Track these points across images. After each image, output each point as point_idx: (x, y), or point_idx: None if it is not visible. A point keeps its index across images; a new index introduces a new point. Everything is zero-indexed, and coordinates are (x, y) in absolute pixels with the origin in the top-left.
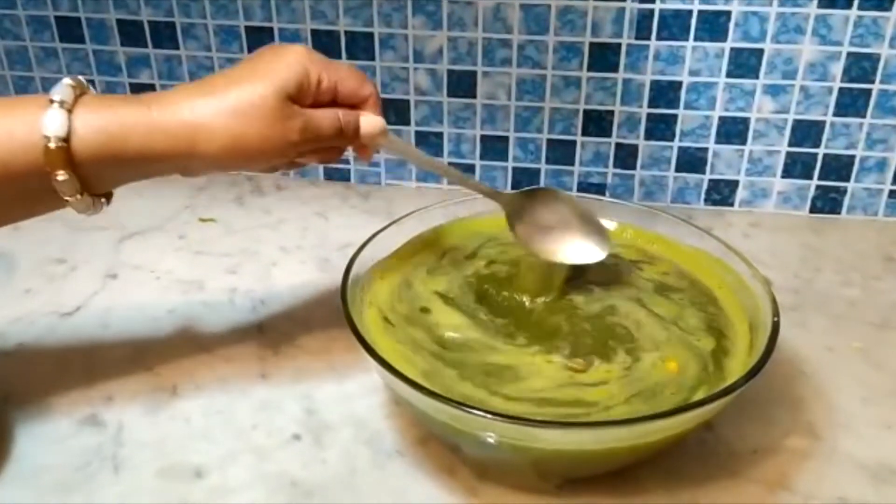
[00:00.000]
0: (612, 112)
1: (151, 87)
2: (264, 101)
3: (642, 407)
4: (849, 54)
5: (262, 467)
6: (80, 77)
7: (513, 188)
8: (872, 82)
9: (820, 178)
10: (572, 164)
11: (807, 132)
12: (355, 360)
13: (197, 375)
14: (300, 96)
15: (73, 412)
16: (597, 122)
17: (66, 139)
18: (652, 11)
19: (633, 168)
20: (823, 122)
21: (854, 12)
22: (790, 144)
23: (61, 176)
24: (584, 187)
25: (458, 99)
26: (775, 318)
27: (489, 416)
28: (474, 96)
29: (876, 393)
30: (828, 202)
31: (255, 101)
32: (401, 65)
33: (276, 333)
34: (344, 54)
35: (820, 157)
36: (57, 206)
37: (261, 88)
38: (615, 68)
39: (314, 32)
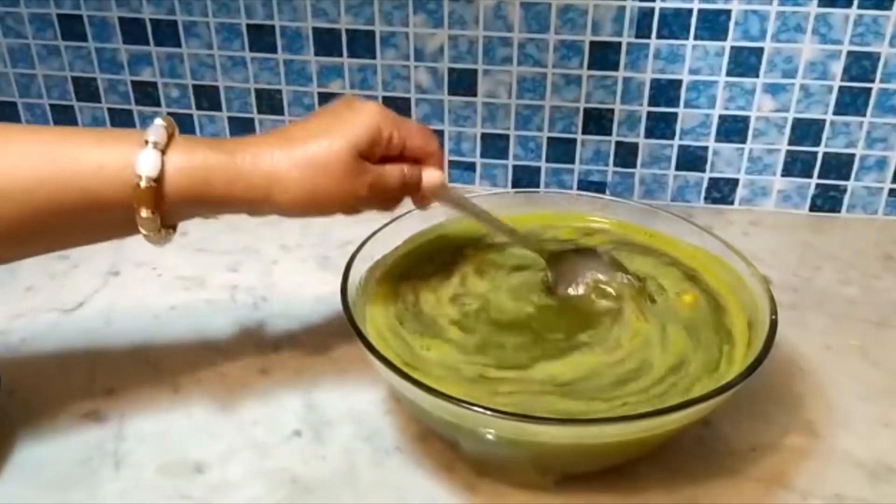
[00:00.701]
0: (612, 110)
1: (153, 86)
2: (338, 156)
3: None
4: (849, 53)
5: (262, 463)
6: (170, 117)
7: (513, 186)
8: (872, 81)
9: (820, 177)
10: (573, 162)
11: (807, 131)
12: (355, 356)
13: (198, 372)
14: (371, 152)
15: (74, 408)
16: (597, 121)
17: (157, 180)
18: (652, 10)
19: (634, 166)
20: (823, 121)
21: (854, 11)
22: (790, 143)
23: (145, 213)
24: (585, 185)
25: (459, 97)
26: (773, 317)
27: (488, 412)
28: (475, 94)
29: (874, 391)
30: (828, 201)
31: (329, 156)
32: (402, 63)
33: (276, 330)
34: (345, 52)
35: (820, 156)
36: (130, 234)
37: (336, 144)
38: (615, 67)
39: (315, 30)
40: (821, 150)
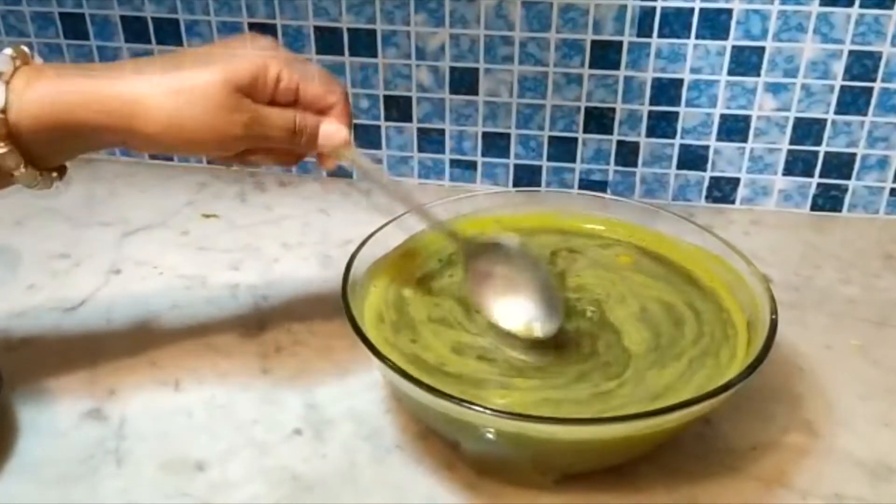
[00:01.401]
0: (613, 109)
1: None
2: (210, 86)
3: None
4: (850, 52)
5: (262, 462)
6: (24, 47)
7: (514, 185)
8: (874, 80)
9: (821, 176)
10: (573, 161)
11: (808, 130)
12: (356, 355)
13: (199, 370)
14: (255, 91)
15: (76, 406)
16: (598, 120)
17: (3, 111)
18: (654, 9)
19: (635, 165)
20: (825, 120)
21: (856, 10)
22: (791, 142)
23: (1, 148)
24: (586, 184)
25: (460, 96)
26: (773, 316)
27: (488, 411)
28: (476, 93)
29: (874, 390)
30: (829, 200)
31: (199, 85)
32: (403, 62)
33: (277, 329)
34: (346, 51)
35: (821, 155)
36: (5, 184)
37: (209, 74)
38: (617, 66)
39: (317, 29)
40: (822, 149)
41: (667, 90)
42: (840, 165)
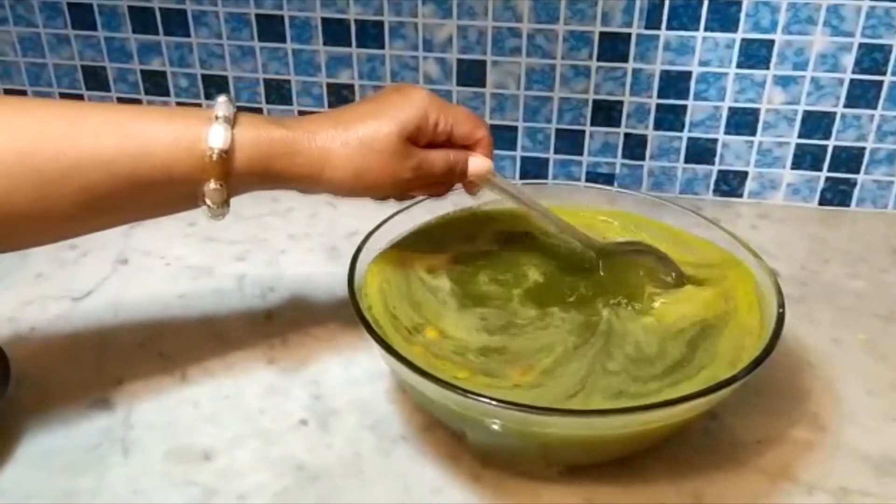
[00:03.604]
0: (621, 102)
1: (163, 75)
2: (386, 138)
3: None
4: (860, 45)
5: (268, 451)
6: (231, 96)
7: (521, 178)
8: (884, 74)
9: (829, 170)
10: (581, 154)
11: (817, 124)
12: (361, 346)
13: (205, 360)
14: (418, 136)
15: (83, 395)
16: (606, 112)
17: (227, 152)
18: (662, 1)
19: (642, 158)
20: (834, 114)
21: (866, 3)
22: (800, 136)
23: (214, 185)
24: (593, 177)
25: (468, 88)
26: (781, 310)
27: (493, 402)
28: (483, 85)
29: (881, 385)
30: (837, 194)
31: (377, 137)
32: (410, 53)
33: (283, 320)
34: (354, 43)
35: (830, 149)
36: (194, 207)
37: (384, 126)
38: (625, 58)
39: (324, 20)
40: (831, 143)
41: (675, 83)
42: (849, 159)
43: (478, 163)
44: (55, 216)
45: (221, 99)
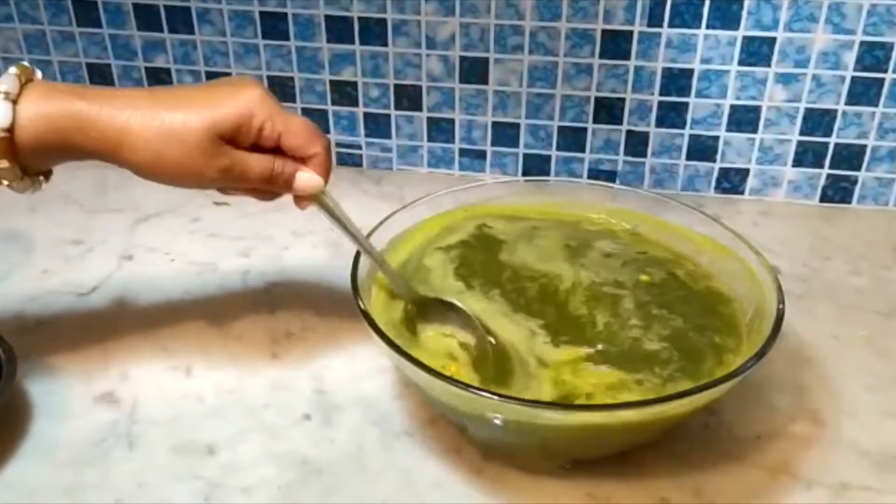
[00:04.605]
0: (623, 99)
1: (167, 72)
2: (193, 132)
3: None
4: (862, 43)
5: (272, 445)
6: (26, 63)
7: (523, 174)
8: (885, 71)
9: (831, 168)
10: (583, 151)
11: (818, 121)
12: (364, 342)
13: (210, 355)
14: (238, 137)
15: (89, 390)
16: (608, 110)
17: (9, 129)
18: None
19: (644, 156)
20: (835, 111)
21: (868, 0)
22: (801, 133)
23: (3, 164)
24: (595, 174)
25: (470, 85)
26: (780, 306)
27: (496, 397)
28: (486, 83)
29: (881, 381)
30: (838, 191)
31: (184, 129)
32: (413, 51)
33: (287, 315)
34: (357, 40)
35: (831, 147)
36: None
37: (194, 119)
38: (627, 56)
39: (328, 18)
40: (832, 140)
41: (677, 80)
42: (850, 157)
43: (305, 178)
44: None
45: (11, 70)
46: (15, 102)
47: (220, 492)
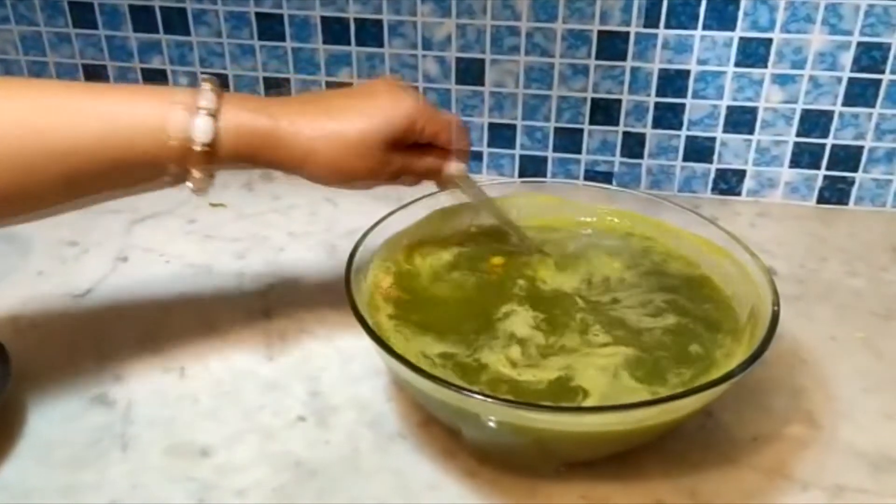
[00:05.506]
0: (619, 100)
1: (162, 73)
2: (371, 141)
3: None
4: (859, 44)
5: (267, 447)
6: (211, 77)
7: (519, 176)
8: (882, 72)
9: (828, 169)
10: (579, 152)
11: (815, 122)
12: (359, 344)
13: (205, 357)
14: (402, 141)
15: (83, 391)
16: (604, 111)
17: (211, 144)
18: (661, 0)
19: (641, 157)
20: (832, 112)
21: (864, 1)
22: (798, 134)
23: (197, 174)
24: (591, 175)
25: (467, 86)
26: (775, 307)
27: (489, 399)
28: (482, 84)
29: (877, 383)
30: (835, 193)
31: (359, 143)
32: (409, 52)
33: (282, 317)
34: (353, 41)
35: (828, 148)
36: (170, 187)
37: (369, 131)
38: (623, 57)
39: (324, 19)
40: (829, 141)
41: (673, 81)
42: (847, 158)
43: (452, 168)
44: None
45: (205, 87)
46: (214, 117)
47: (214, 493)
